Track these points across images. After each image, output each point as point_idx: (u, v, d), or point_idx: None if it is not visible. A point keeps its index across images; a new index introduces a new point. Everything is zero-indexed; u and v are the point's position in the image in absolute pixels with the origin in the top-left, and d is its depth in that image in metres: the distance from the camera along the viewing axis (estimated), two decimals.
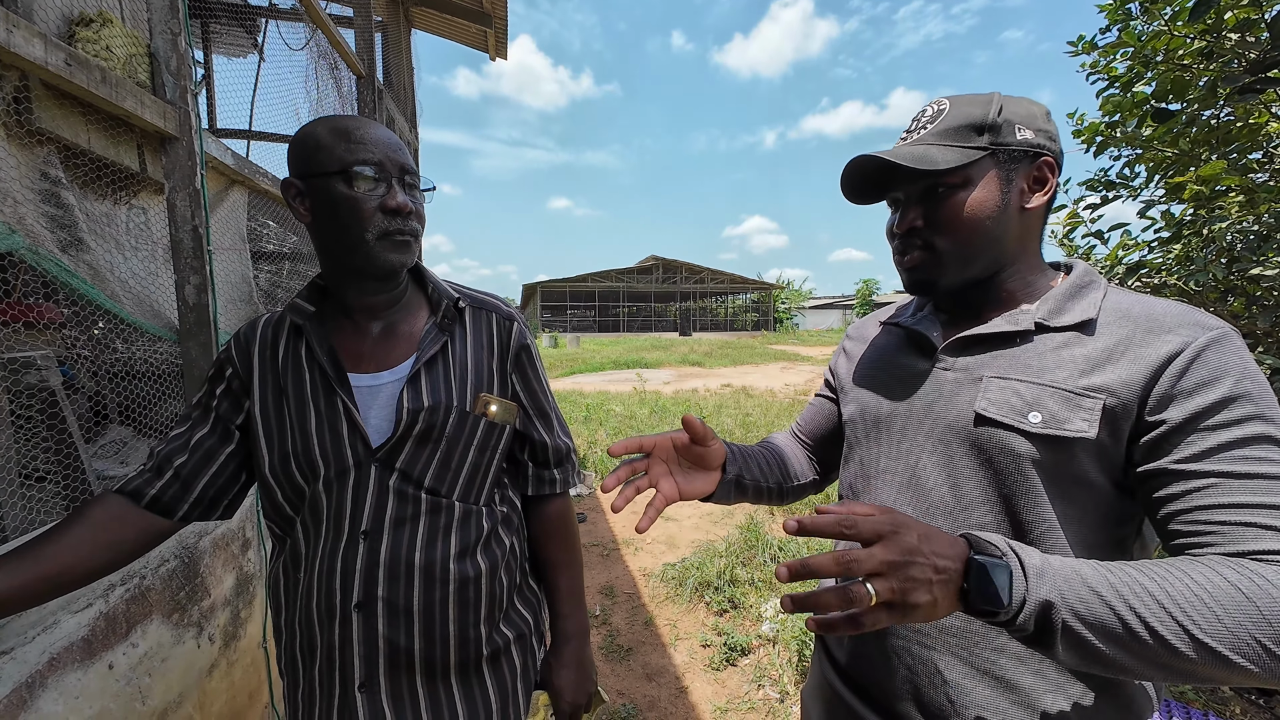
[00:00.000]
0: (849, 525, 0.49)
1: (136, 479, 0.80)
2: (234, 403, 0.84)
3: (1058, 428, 0.60)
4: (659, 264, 39.73)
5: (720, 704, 2.14)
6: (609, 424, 6.88)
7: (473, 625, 0.81)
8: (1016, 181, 0.66)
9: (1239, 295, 1.95)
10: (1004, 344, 0.67)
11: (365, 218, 0.76)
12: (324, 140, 0.76)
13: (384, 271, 0.80)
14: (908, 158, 0.66)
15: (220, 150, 1.84)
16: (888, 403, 0.76)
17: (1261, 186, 1.90)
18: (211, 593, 1.42)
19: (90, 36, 1.32)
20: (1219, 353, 0.56)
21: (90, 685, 1.00)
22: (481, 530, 0.84)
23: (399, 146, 0.79)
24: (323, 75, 2.99)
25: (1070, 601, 0.48)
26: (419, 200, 0.83)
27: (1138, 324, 0.61)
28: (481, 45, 4.91)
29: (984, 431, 0.64)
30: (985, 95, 0.68)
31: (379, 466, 0.78)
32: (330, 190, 0.76)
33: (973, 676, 0.65)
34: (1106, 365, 0.60)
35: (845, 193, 0.74)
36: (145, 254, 1.74)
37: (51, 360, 1.17)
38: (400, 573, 0.77)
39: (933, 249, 0.69)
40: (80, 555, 0.72)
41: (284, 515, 0.81)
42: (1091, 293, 0.66)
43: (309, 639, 0.78)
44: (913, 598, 0.47)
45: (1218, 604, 0.47)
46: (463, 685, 0.82)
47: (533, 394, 0.90)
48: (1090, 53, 2.39)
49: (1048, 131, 0.67)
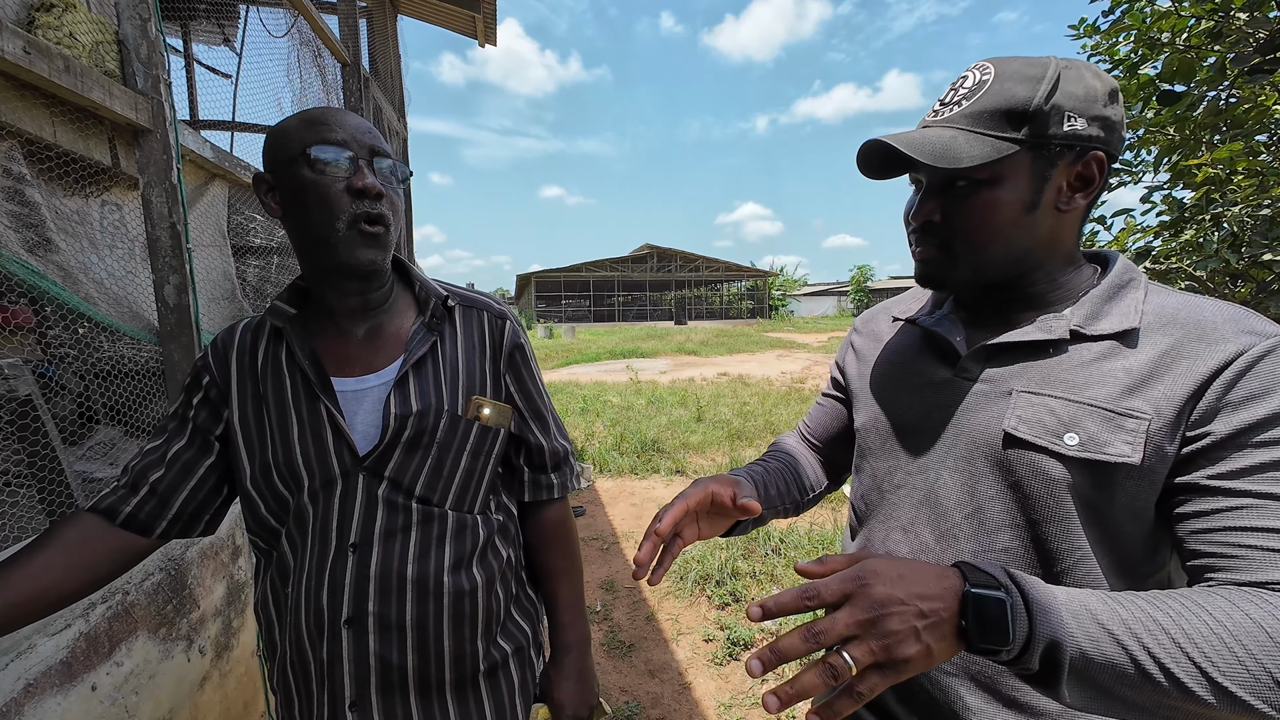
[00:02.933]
0: (811, 596, 0.45)
1: (110, 496, 0.76)
2: (212, 412, 0.79)
3: (1098, 451, 0.54)
4: (653, 252, 39.58)
5: (724, 699, 2.13)
6: (606, 415, 6.85)
7: (469, 640, 0.78)
8: (1055, 180, 0.58)
9: (1248, 281, 1.92)
10: (1035, 354, 0.60)
11: (331, 201, 0.70)
12: (289, 127, 0.72)
13: (357, 270, 0.74)
14: (928, 149, 0.58)
15: (198, 143, 1.76)
16: (905, 413, 0.70)
17: (1270, 169, 1.86)
18: (201, 604, 1.38)
19: (51, 22, 1.25)
20: (1273, 363, 0.51)
21: (72, 709, 0.96)
22: (477, 540, 0.80)
23: (368, 129, 0.74)
24: (306, 64, 2.89)
25: (1079, 639, 0.43)
26: (393, 188, 0.76)
27: (1185, 331, 0.55)
28: (469, 31, 4.79)
29: (1014, 453, 0.58)
30: (1039, 65, 0.57)
31: (367, 475, 0.74)
32: (295, 177, 0.71)
33: (994, 704, 0.60)
34: (1152, 380, 0.54)
35: (862, 169, 0.67)
36: (122, 252, 1.68)
37: (21, 368, 1.11)
38: (392, 586, 0.74)
39: (948, 249, 0.63)
40: (53, 579, 0.68)
41: (268, 528, 0.77)
42: (1131, 293, 0.60)
43: (299, 656, 0.75)
44: (899, 652, 0.42)
45: (1238, 644, 0.42)
46: (458, 703, 0.78)
47: (527, 395, 0.87)
48: (1092, 35, 2.34)
49: (1105, 119, 0.57)
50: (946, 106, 0.62)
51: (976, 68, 0.61)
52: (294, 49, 2.80)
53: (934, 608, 0.44)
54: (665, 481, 4.63)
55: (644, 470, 4.86)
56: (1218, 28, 1.89)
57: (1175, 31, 2.02)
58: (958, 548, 0.62)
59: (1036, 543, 0.58)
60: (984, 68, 0.60)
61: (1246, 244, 1.81)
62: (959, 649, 0.45)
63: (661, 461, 5.00)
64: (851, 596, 0.44)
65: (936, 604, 0.44)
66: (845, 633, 0.43)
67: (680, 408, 7.20)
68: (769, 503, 0.80)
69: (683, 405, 7.33)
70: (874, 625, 0.43)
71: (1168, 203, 2.18)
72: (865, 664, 0.42)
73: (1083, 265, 0.65)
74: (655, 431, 5.82)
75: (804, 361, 12.88)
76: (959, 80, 0.62)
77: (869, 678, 0.43)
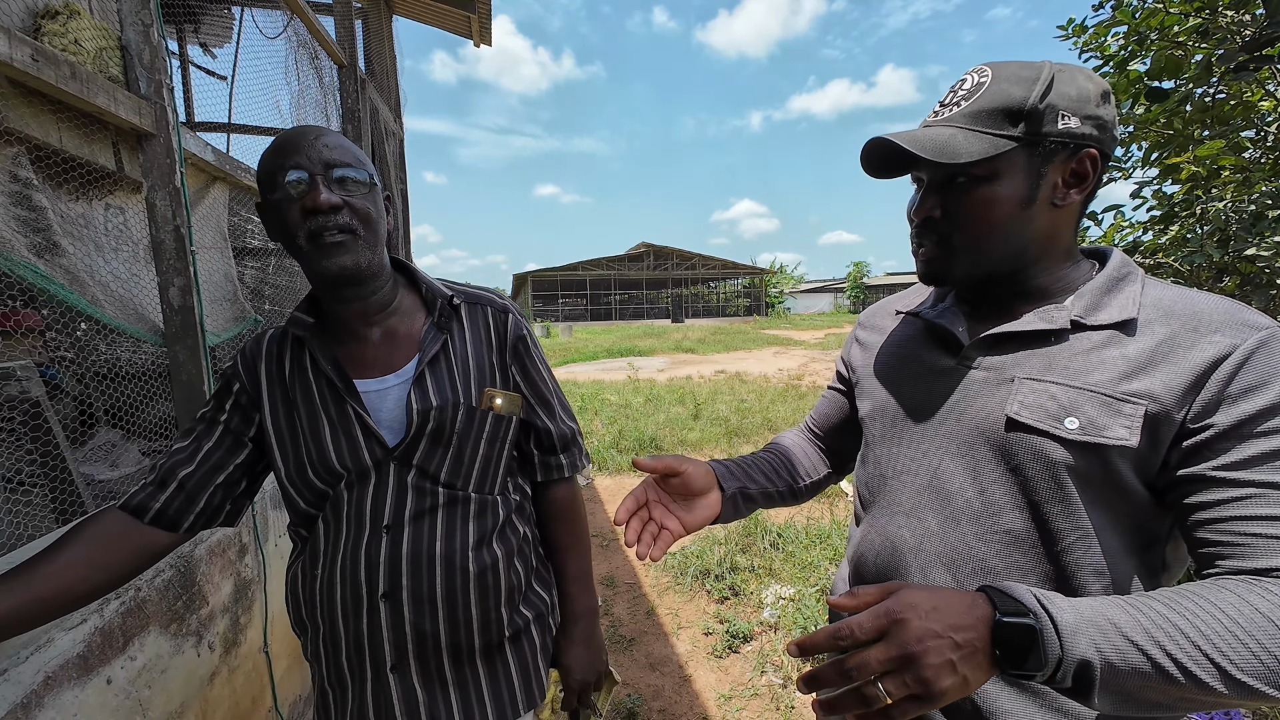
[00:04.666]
0: (845, 636, 0.47)
1: (140, 494, 0.80)
2: (244, 416, 0.85)
3: (1097, 434, 0.56)
4: (650, 250, 39.54)
5: (724, 691, 2.16)
6: (604, 413, 6.87)
7: (493, 609, 0.85)
8: (1050, 176, 0.61)
9: (1233, 275, 1.95)
10: (1037, 343, 0.63)
11: (291, 222, 0.75)
12: (263, 156, 0.76)
13: (332, 278, 0.77)
14: (929, 145, 0.61)
15: (199, 146, 1.78)
16: (908, 401, 0.72)
17: (1256, 165, 1.89)
18: (210, 600, 1.40)
19: (57, 30, 1.26)
20: (1267, 355, 0.53)
21: (89, 701, 0.98)
22: (497, 519, 0.87)
23: (329, 144, 0.76)
24: (303, 65, 2.90)
25: (1107, 654, 0.45)
26: (359, 194, 0.77)
27: (1182, 322, 0.57)
28: (465, 31, 4.79)
29: (1015, 436, 0.61)
30: (1034, 68, 0.60)
31: (397, 465, 0.81)
32: (268, 203, 0.76)
33: (998, 683, 0.62)
34: (1149, 368, 0.57)
35: (865, 168, 0.69)
36: (126, 255, 1.69)
37: (32, 370, 1.13)
38: (422, 563, 0.80)
39: (948, 243, 0.65)
40: (78, 575, 0.71)
41: (306, 515, 0.84)
42: (1129, 286, 0.62)
43: (332, 630, 0.81)
44: (938, 686, 0.44)
45: (1251, 638, 0.45)
46: (487, 665, 0.86)
47: (533, 383, 0.92)
48: (1081, 35, 2.36)
49: (1098, 118, 0.60)
50: (946, 108, 0.64)
51: (975, 71, 0.64)
52: (291, 50, 2.81)
53: (968, 638, 0.46)
54: None
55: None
56: (1204, 25, 1.92)
57: (1164, 28, 2.04)
58: (960, 530, 0.65)
59: (1038, 523, 0.61)
60: (981, 71, 0.63)
61: (1231, 239, 1.84)
62: (993, 674, 0.47)
63: None
64: (887, 633, 0.46)
65: (970, 634, 0.46)
66: (880, 670, 0.45)
67: (678, 405, 7.22)
68: (755, 484, 0.83)
69: (680, 403, 7.36)
70: (910, 662, 0.45)
71: (1157, 197, 2.22)
72: (900, 696, 0.45)
73: (1080, 260, 0.67)
74: (653, 429, 5.85)
75: (801, 358, 12.91)
76: (958, 83, 0.65)
77: (904, 706, 0.45)
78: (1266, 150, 2.03)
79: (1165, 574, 0.64)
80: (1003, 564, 0.62)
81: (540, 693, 0.90)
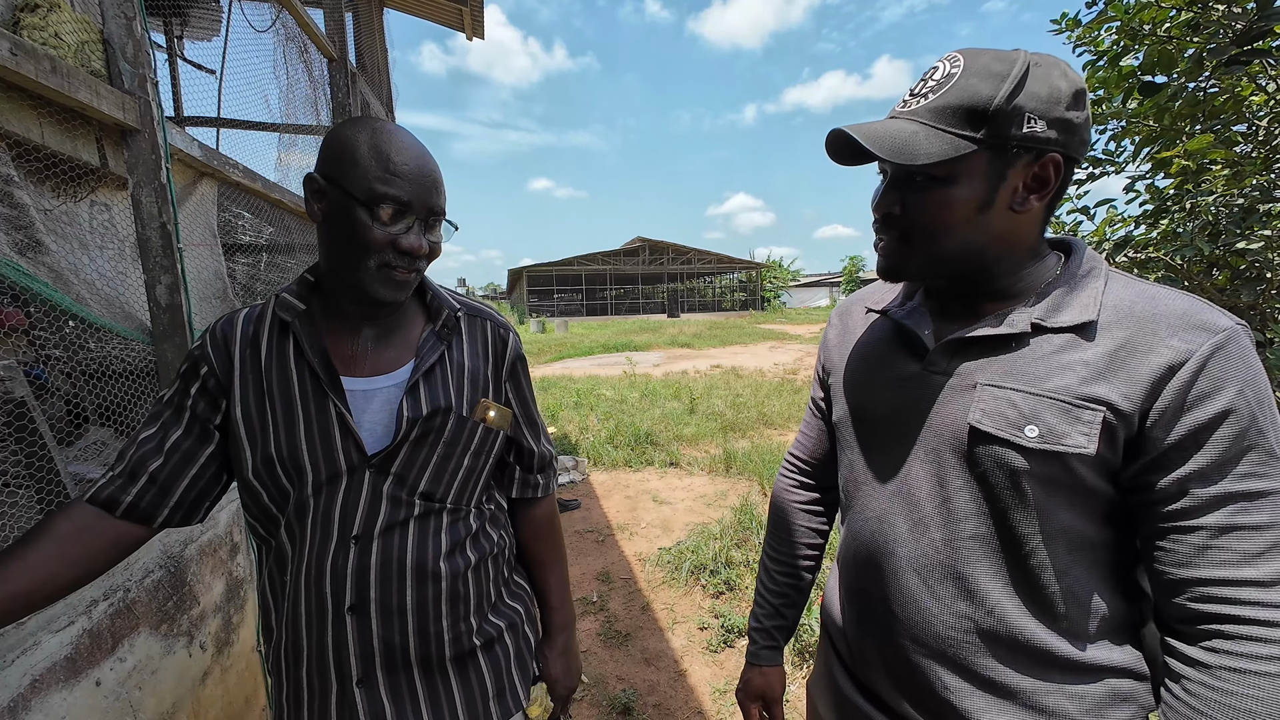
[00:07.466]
0: None
1: (108, 486, 0.75)
2: (211, 402, 0.79)
3: (1055, 443, 0.57)
4: (645, 245, 39.42)
5: (719, 685, 2.17)
6: (600, 409, 6.87)
7: (463, 618, 0.83)
8: (1011, 181, 0.59)
9: (1224, 269, 1.96)
10: (999, 348, 0.62)
11: (374, 245, 0.73)
12: (361, 158, 0.72)
13: (374, 301, 0.77)
14: (887, 144, 0.58)
15: (186, 141, 1.76)
16: (878, 407, 0.72)
17: (1246, 159, 1.90)
18: (201, 600, 1.39)
19: (36, 23, 1.24)
20: (1223, 360, 0.54)
21: (77, 703, 0.98)
22: (470, 528, 0.85)
23: (433, 183, 0.76)
24: (292, 59, 2.87)
25: None
26: (438, 238, 0.80)
27: (1140, 325, 0.57)
28: (457, 24, 4.75)
29: (979, 446, 0.61)
30: (1008, 60, 0.57)
31: (373, 472, 0.77)
32: (350, 211, 0.73)
33: (972, 683, 0.64)
34: (1107, 374, 0.57)
35: (831, 156, 0.67)
36: (112, 253, 1.67)
37: (15, 370, 1.12)
38: (393, 574, 0.77)
39: (908, 240, 0.64)
40: (49, 571, 0.68)
41: (269, 515, 0.79)
42: (1091, 284, 0.62)
43: (294, 641, 0.78)
44: None
45: None
46: (459, 673, 0.83)
47: (524, 403, 0.93)
48: (1074, 29, 2.36)
49: (1067, 121, 0.57)
50: (915, 98, 0.62)
51: (948, 59, 0.61)
52: (279, 44, 2.78)
53: None
54: (659, 473, 4.66)
55: (638, 462, 4.89)
56: (1195, 19, 1.92)
57: (1156, 22, 2.04)
58: (929, 536, 0.65)
59: (1002, 530, 0.61)
60: (954, 59, 0.60)
61: (1221, 233, 1.85)
62: None
63: (655, 454, 5.04)
64: None
65: None
66: None
67: (673, 400, 7.23)
68: (789, 622, 0.95)
69: (676, 398, 7.36)
70: None
71: (1150, 191, 2.22)
72: None
73: (1046, 255, 0.66)
74: (649, 424, 5.86)
75: (796, 353, 12.94)
76: (930, 71, 0.63)
77: None
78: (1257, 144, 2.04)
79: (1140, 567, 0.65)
80: (971, 569, 0.63)
81: (515, 703, 0.89)
